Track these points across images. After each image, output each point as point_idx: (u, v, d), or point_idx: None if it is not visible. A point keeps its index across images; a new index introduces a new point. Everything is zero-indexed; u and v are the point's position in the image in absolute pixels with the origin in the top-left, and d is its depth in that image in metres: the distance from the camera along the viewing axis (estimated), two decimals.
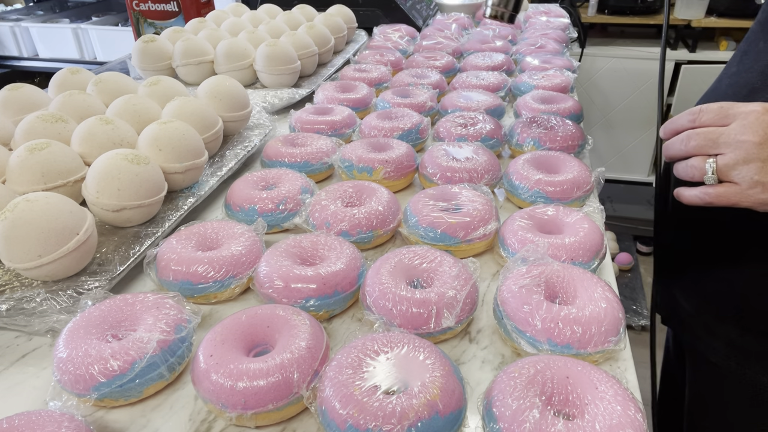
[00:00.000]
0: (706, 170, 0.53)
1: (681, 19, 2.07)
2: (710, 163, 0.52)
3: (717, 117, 0.52)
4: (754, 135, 0.49)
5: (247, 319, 0.47)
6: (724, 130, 0.51)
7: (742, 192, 0.51)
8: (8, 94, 0.78)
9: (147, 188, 0.61)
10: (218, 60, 1.05)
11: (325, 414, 0.40)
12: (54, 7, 2.48)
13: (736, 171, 0.51)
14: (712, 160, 0.52)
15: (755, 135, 0.49)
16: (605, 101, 2.31)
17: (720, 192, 0.52)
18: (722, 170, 0.52)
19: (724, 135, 0.51)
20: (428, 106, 0.94)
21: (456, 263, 0.53)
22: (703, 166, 0.53)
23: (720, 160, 0.52)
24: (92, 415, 0.45)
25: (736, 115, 0.51)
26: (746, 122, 0.50)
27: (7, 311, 0.52)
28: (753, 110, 0.50)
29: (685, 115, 0.55)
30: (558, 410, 0.40)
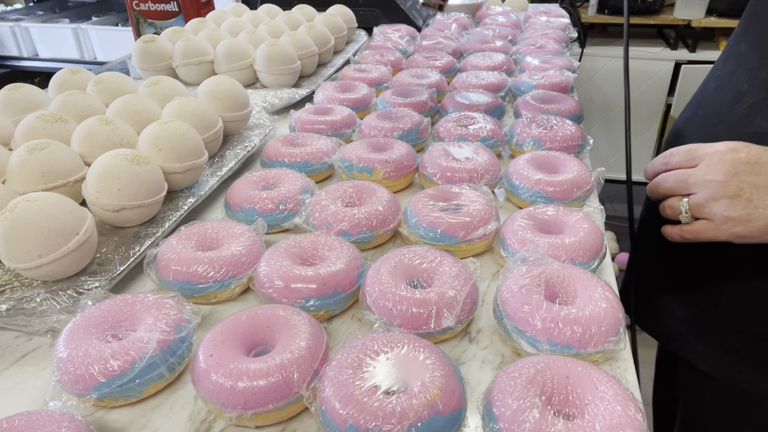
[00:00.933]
0: (680, 210, 0.57)
1: (681, 19, 2.07)
2: (683, 203, 0.57)
3: (686, 159, 0.57)
4: (719, 174, 0.53)
5: (247, 319, 0.47)
6: (692, 171, 0.56)
7: (716, 228, 0.54)
8: (8, 94, 0.78)
9: (147, 188, 0.61)
10: (218, 60, 1.05)
11: (325, 414, 0.40)
12: (54, 7, 2.48)
13: (708, 208, 0.54)
14: (685, 200, 0.57)
15: (719, 174, 0.53)
16: (605, 101, 2.31)
17: (696, 229, 0.56)
18: (695, 209, 0.56)
19: (693, 176, 0.55)
20: (428, 106, 0.94)
21: (456, 263, 0.53)
22: (678, 206, 0.57)
23: (692, 200, 0.56)
24: (92, 415, 0.45)
25: (702, 157, 0.55)
26: (711, 162, 0.54)
27: (7, 311, 0.52)
28: (716, 151, 0.54)
29: (660, 158, 0.60)
30: (558, 410, 0.40)
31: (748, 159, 0.52)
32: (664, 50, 2.16)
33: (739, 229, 0.53)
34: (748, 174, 0.52)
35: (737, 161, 0.52)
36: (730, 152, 0.53)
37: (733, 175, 0.52)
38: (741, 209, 0.52)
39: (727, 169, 0.52)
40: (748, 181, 0.52)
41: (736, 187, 0.52)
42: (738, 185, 0.52)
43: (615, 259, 2.20)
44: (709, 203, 0.54)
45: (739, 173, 0.52)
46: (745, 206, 0.52)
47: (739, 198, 0.52)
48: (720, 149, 0.54)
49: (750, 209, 0.52)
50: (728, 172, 0.52)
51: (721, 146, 0.54)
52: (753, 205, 0.52)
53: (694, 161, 0.56)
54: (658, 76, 2.19)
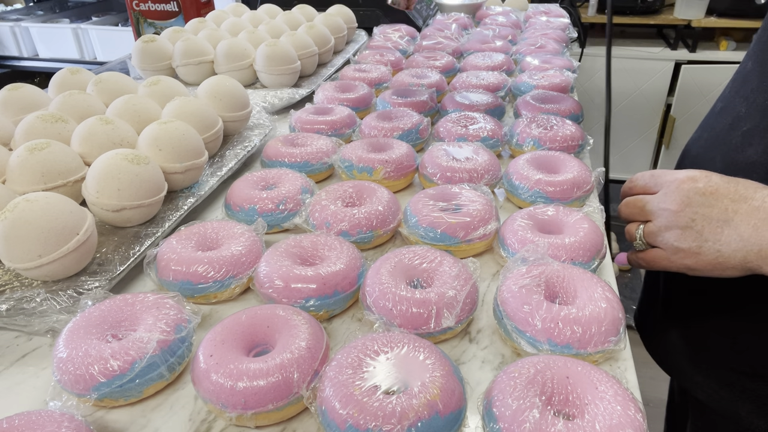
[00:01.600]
0: (636, 236, 0.56)
1: (681, 19, 2.07)
2: (639, 230, 0.55)
3: (647, 185, 0.56)
4: (673, 203, 0.51)
5: (247, 319, 0.47)
6: (650, 198, 0.54)
7: (667, 258, 0.53)
8: (8, 94, 0.78)
9: (147, 188, 0.61)
10: (218, 60, 1.05)
11: (325, 414, 0.40)
12: (54, 7, 2.48)
13: (660, 237, 0.53)
14: (641, 227, 0.55)
15: (673, 203, 0.51)
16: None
17: (650, 257, 0.55)
18: (649, 236, 0.54)
19: (650, 203, 0.54)
20: (428, 106, 0.94)
21: (456, 263, 0.53)
22: (634, 233, 0.56)
23: (646, 228, 0.54)
24: (92, 415, 0.45)
25: (662, 184, 0.53)
26: (668, 191, 0.52)
27: (7, 311, 0.52)
28: (675, 179, 0.52)
29: (628, 182, 0.59)
30: (558, 410, 0.40)
31: (704, 190, 0.50)
32: (664, 50, 2.16)
33: (689, 262, 0.51)
34: (701, 205, 0.50)
35: (693, 191, 0.50)
36: (688, 181, 0.51)
37: (686, 206, 0.50)
38: (691, 241, 0.50)
39: (681, 199, 0.51)
40: (701, 212, 0.50)
41: (688, 218, 0.50)
42: (690, 216, 0.50)
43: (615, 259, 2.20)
44: (661, 232, 0.53)
45: (692, 204, 0.50)
46: (695, 238, 0.50)
47: (691, 229, 0.50)
48: (679, 177, 0.52)
49: (700, 242, 0.50)
50: (682, 202, 0.50)
51: (682, 174, 0.52)
52: (703, 238, 0.50)
53: (656, 187, 0.54)
54: (658, 76, 2.19)
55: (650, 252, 0.55)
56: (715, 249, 0.49)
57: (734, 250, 0.48)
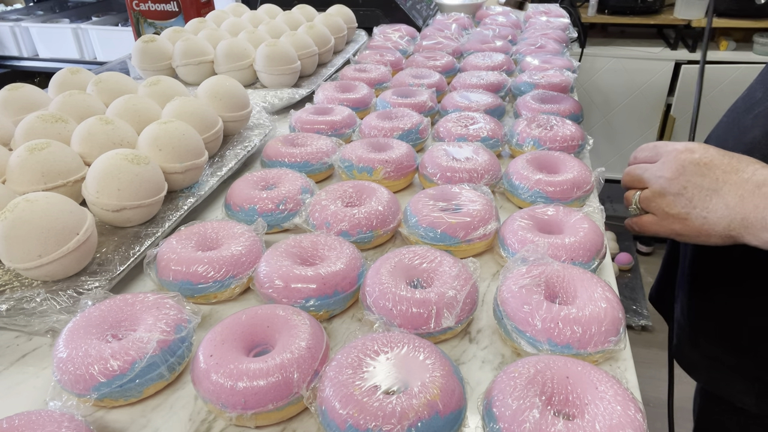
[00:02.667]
0: (632, 201, 0.59)
1: (681, 19, 2.07)
2: (636, 196, 0.58)
3: (650, 154, 0.58)
4: (668, 171, 0.53)
5: (247, 319, 0.47)
6: (649, 166, 0.56)
7: (658, 222, 0.56)
8: (8, 94, 0.78)
9: (147, 188, 0.61)
10: (218, 60, 1.05)
11: (325, 414, 0.40)
12: (54, 7, 2.48)
13: (654, 203, 0.55)
14: (638, 194, 0.58)
15: (669, 171, 0.53)
16: (605, 101, 2.31)
17: (642, 222, 0.58)
18: (643, 202, 0.57)
19: (648, 171, 0.56)
20: (428, 106, 0.94)
21: (456, 263, 0.53)
22: (631, 198, 0.59)
23: (642, 194, 0.57)
24: (92, 415, 0.45)
25: (661, 154, 0.56)
26: (666, 160, 0.54)
27: (7, 311, 0.52)
28: (674, 149, 0.54)
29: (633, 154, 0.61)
30: (558, 410, 0.40)
31: (699, 160, 0.52)
32: (664, 50, 2.16)
33: (677, 227, 0.54)
34: (694, 174, 0.52)
35: (688, 161, 0.52)
36: (685, 152, 0.53)
37: (680, 174, 0.52)
38: (681, 207, 0.53)
39: (676, 168, 0.53)
40: (693, 181, 0.52)
41: (680, 185, 0.52)
42: (683, 184, 0.52)
43: (615, 259, 2.20)
44: (655, 198, 0.55)
45: (686, 173, 0.52)
46: (685, 205, 0.52)
47: (682, 196, 0.52)
48: (678, 148, 0.54)
49: (689, 209, 0.52)
50: (677, 171, 0.53)
51: (681, 146, 0.54)
52: (692, 205, 0.52)
53: (656, 157, 0.57)
54: (658, 76, 2.19)
55: (643, 217, 0.58)
56: (702, 216, 0.51)
57: (719, 218, 0.50)
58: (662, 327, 1.96)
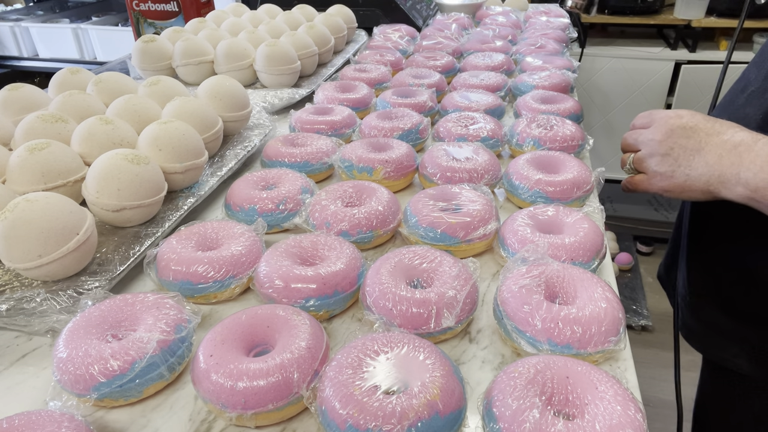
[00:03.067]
0: (626, 162, 0.64)
1: (681, 19, 2.07)
2: (630, 158, 0.64)
3: (645, 121, 0.63)
4: (658, 134, 0.59)
5: (247, 319, 0.47)
6: (642, 131, 0.62)
7: (648, 180, 0.61)
8: (8, 94, 0.78)
9: (147, 188, 0.61)
10: (218, 60, 1.05)
11: (325, 414, 0.40)
12: (54, 7, 2.48)
13: (645, 163, 0.61)
14: (632, 156, 0.63)
15: (659, 134, 0.59)
16: (605, 101, 2.30)
17: (634, 181, 0.63)
18: (636, 163, 0.63)
19: (642, 135, 0.62)
20: (428, 106, 0.94)
21: (456, 263, 0.53)
22: (626, 160, 0.65)
23: (636, 155, 0.63)
24: (92, 415, 0.45)
25: (655, 120, 0.61)
26: (658, 125, 0.60)
27: (7, 311, 0.52)
28: (665, 115, 0.60)
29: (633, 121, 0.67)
30: (558, 410, 0.40)
31: (685, 124, 0.57)
32: (664, 50, 2.16)
33: (664, 184, 0.59)
34: (680, 137, 0.57)
35: (676, 125, 0.58)
36: (674, 117, 0.59)
37: (668, 137, 0.58)
38: (667, 166, 0.58)
39: (665, 131, 0.58)
40: (680, 143, 0.57)
41: (668, 146, 0.58)
42: (670, 145, 0.58)
43: (615, 259, 2.20)
44: (646, 158, 0.61)
45: (674, 135, 0.58)
46: (671, 164, 0.58)
47: (669, 156, 0.58)
48: (668, 114, 0.60)
49: (674, 167, 0.58)
50: (665, 134, 0.58)
51: (671, 112, 0.60)
52: (677, 164, 0.57)
53: (650, 123, 0.62)
54: (658, 76, 2.19)
55: (635, 176, 0.64)
56: (686, 173, 0.57)
57: (700, 174, 0.55)
58: (662, 327, 1.95)
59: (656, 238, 2.37)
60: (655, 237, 2.38)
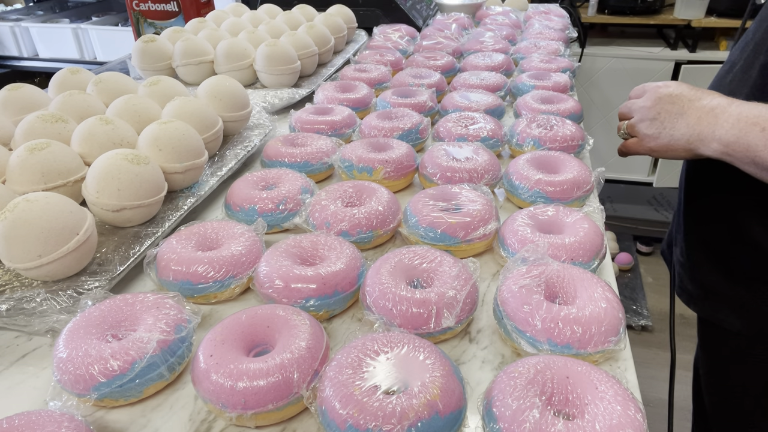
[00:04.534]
0: (621, 128, 0.72)
1: (681, 19, 2.07)
2: (624, 124, 0.71)
3: (638, 92, 0.71)
4: (648, 101, 0.66)
5: (247, 319, 0.47)
6: (635, 101, 0.70)
7: (639, 143, 0.68)
8: (8, 94, 0.78)
9: (147, 188, 0.61)
10: (218, 60, 1.05)
11: (325, 414, 0.40)
12: (54, 7, 2.48)
13: (637, 128, 0.68)
14: (625, 123, 0.71)
15: (648, 101, 0.66)
16: (605, 101, 2.30)
17: (628, 144, 0.70)
18: (630, 128, 0.70)
19: (635, 104, 0.69)
20: (428, 106, 0.94)
21: (456, 263, 0.53)
22: (621, 127, 0.72)
23: (629, 122, 0.70)
24: (92, 415, 0.45)
25: (647, 90, 0.69)
26: (649, 95, 0.67)
27: (7, 311, 0.52)
28: (656, 85, 0.67)
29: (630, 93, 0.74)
30: (558, 410, 0.40)
31: (672, 92, 0.64)
32: (664, 50, 2.16)
33: (652, 144, 0.66)
34: (667, 103, 0.64)
35: (664, 93, 0.65)
36: (663, 87, 0.66)
37: (656, 103, 0.65)
38: (655, 129, 0.65)
39: (654, 99, 0.66)
40: (666, 108, 0.64)
41: (655, 111, 0.65)
42: (658, 110, 0.65)
43: (615, 259, 2.20)
44: (637, 124, 0.68)
45: (661, 101, 0.65)
46: (657, 127, 0.65)
47: (656, 120, 0.65)
48: (658, 84, 0.67)
49: (660, 129, 0.65)
50: (654, 101, 0.65)
51: (660, 83, 0.67)
52: (663, 126, 0.64)
53: (642, 94, 0.69)
54: (658, 76, 2.18)
55: (629, 141, 0.70)
56: (669, 134, 0.64)
57: (682, 134, 0.62)
58: (662, 327, 1.95)
59: (656, 238, 2.37)
60: (655, 237, 2.37)
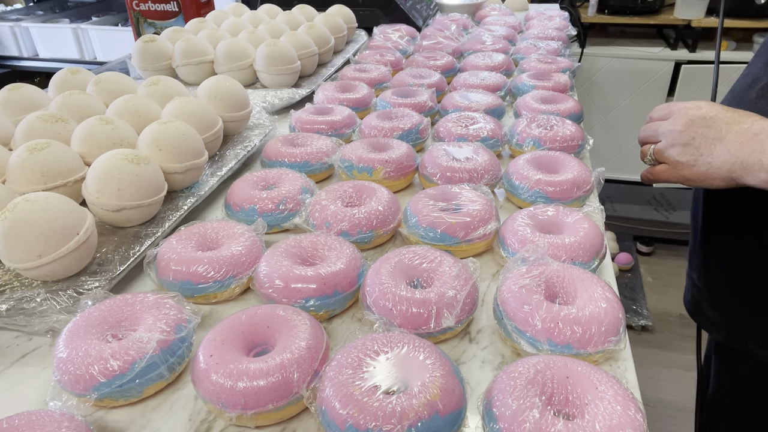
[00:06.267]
0: (647, 154, 0.66)
1: (681, 19, 2.07)
2: (650, 149, 0.65)
3: (663, 113, 0.65)
4: (679, 125, 0.61)
5: (247, 319, 0.47)
6: (662, 123, 0.64)
7: (670, 171, 0.63)
8: (8, 94, 0.78)
9: (147, 188, 0.61)
10: (218, 60, 1.05)
11: (325, 414, 0.40)
12: (54, 7, 2.48)
13: (666, 154, 0.62)
14: (652, 147, 0.65)
15: (679, 125, 0.60)
16: (605, 101, 2.30)
17: (656, 171, 0.65)
18: (658, 154, 0.64)
19: (662, 126, 0.63)
20: (428, 106, 0.94)
21: (456, 263, 0.53)
22: (646, 151, 0.66)
23: (656, 146, 0.64)
24: (92, 415, 0.45)
25: (674, 111, 0.63)
26: (678, 116, 0.61)
27: (7, 311, 0.52)
28: (684, 107, 0.61)
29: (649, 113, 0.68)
30: (558, 410, 0.40)
31: (705, 114, 0.59)
32: (664, 50, 2.16)
33: (686, 173, 0.60)
34: (701, 126, 0.59)
35: (696, 116, 0.59)
36: (694, 108, 0.60)
37: (689, 127, 0.59)
38: (689, 155, 0.60)
39: (686, 122, 0.60)
40: (700, 132, 0.59)
41: (689, 136, 0.59)
42: (691, 135, 0.59)
43: (615, 259, 2.20)
44: (667, 149, 0.62)
45: (694, 125, 0.59)
46: (692, 153, 0.59)
47: (690, 146, 0.60)
48: (687, 105, 0.61)
49: (696, 156, 0.59)
50: (686, 124, 0.60)
51: (690, 103, 0.61)
52: (699, 153, 0.59)
53: (668, 115, 0.64)
54: (658, 76, 2.19)
55: (657, 167, 0.65)
56: (707, 162, 0.58)
57: (722, 162, 0.57)
58: (662, 327, 1.95)
59: (656, 238, 2.37)
60: (655, 237, 2.38)
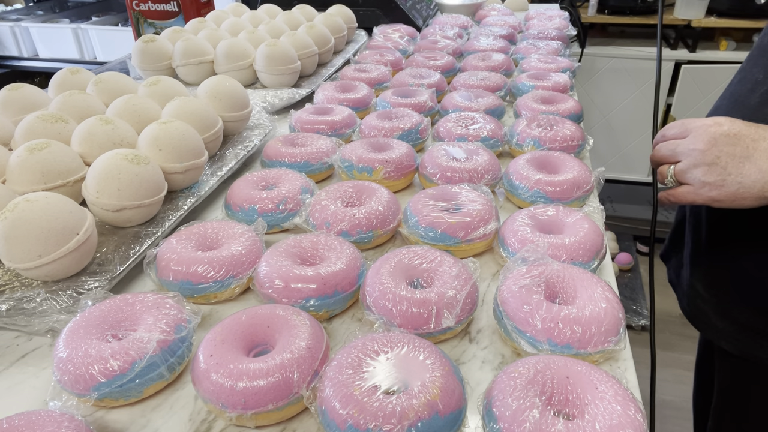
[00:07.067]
0: (667, 175, 0.63)
1: (681, 19, 2.07)
2: (670, 170, 0.62)
3: (679, 131, 0.62)
4: (701, 143, 0.58)
5: (247, 319, 0.47)
6: (681, 141, 0.61)
7: (694, 191, 0.60)
8: (8, 94, 0.78)
9: (147, 188, 0.61)
10: (218, 60, 1.05)
11: (325, 414, 0.40)
12: (54, 7, 2.48)
13: (689, 174, 0.59)
14: (672, 167, 0.62)
15: (701, 143, 0.58)
16: (605, 101, 2.30)
17: (679, 193, 0.62)
18: (679, 174, 0.61)
19: (681, 146, 0.60)
20: (428, 106, 0.94)
21: (456, 263, 0.53)
22: (666, 172, 0.63)
23: (677, 167, 0.61)
24: (92, 415, 0.45)
25: (691, 129, 0.60)
26: (697, 134, 0.59)
27: (7, 311, 0.52)
28: (703, 124, 0.59)
29: (661, 131, 0.66)
30: (558, 410, 0.40)
31: (728, 132, 0.57)
32: (664, 50, 2.16)
33: (714, 194, 0.58)
34: (726, 144, 0.56)
35: (718, 133, 0.57)
36: (714, 125, 0.57)
37: (712, 145, 0.57)
38: (716, 175, 0.57)
39: (708, 140, 0.57)
40: (726, 150, 0.56)
41: (714, 155, 0.57)
42: (716, 154, 0.57)
43: (615, 259, 2.20)
44: (690, 169, 0.59)
45: (718, 143, 0.56)
46: (720, 173, 0.57)
47: (716, 165, 0.57)
48: (707, 123, 0.58)
49: (724, 176, 0.56)
50: (709, 143, 0.57)
51: (709, 120, 0.59)
52: (727, 173, 0.56)
53: (686, 133, 0.61)
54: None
55: (679, 188, 0.62)
56: (737, 181, 0.56)
57: (753, 182, 0.55)
58: (662, 327, 1.95)
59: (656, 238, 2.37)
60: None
